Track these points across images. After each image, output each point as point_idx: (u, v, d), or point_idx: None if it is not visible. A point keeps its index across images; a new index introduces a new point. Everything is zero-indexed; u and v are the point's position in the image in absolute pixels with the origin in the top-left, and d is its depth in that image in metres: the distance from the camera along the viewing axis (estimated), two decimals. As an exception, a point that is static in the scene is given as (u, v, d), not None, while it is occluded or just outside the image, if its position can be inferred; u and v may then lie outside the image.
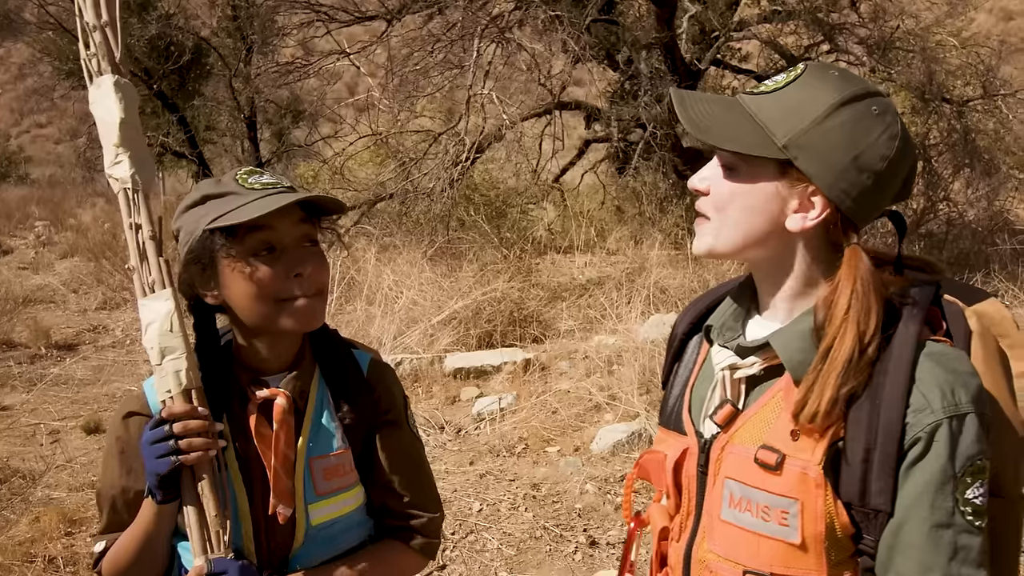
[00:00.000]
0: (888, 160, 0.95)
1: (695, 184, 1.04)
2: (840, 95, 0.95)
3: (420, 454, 1.39)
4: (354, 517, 1.30)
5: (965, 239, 8.52)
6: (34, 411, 5.16)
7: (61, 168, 27.60)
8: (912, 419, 0.91)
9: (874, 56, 8.68)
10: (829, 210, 0.97)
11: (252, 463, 1.23)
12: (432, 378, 5.35)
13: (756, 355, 1.02)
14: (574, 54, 8.76)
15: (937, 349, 0.95)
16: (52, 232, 13.65)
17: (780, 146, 0.95)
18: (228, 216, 1.15)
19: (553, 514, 3.63)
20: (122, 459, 1.25)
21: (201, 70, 15.06)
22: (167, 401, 1.16)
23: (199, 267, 1.19)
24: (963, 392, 0.92)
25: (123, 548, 1.23)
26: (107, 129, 1.23)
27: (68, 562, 3.18)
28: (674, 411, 1.14)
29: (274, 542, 1.23)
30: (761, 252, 1.02)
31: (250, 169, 1.24)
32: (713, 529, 1.03)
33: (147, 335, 1.18)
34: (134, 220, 1.22)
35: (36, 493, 3.80)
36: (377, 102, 10.03)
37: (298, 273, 1.19)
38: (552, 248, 8.89)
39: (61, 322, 7.61)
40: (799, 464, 0.95)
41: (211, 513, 1.14)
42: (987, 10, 37.10)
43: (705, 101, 1.02)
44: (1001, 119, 8.72)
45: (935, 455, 0.91)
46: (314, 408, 1.28)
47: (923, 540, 0.91)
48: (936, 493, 0.90)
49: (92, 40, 1.26)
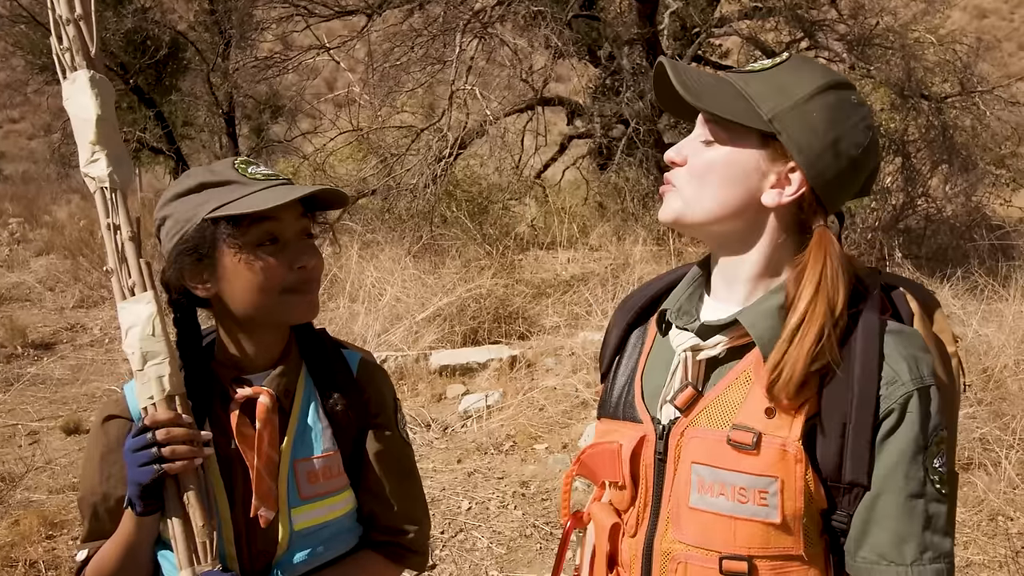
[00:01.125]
0: (863, 148, 0.99)
1: (671, 156, 1.05)
2: (825, 80, 0.99)
3: (410, 460, 1.34)
4: (343, 523, 1.24)
5: (944, 234, 8.62)
6: (11, 412, 5.06)
7: (35, 164, 27.14)
8: (885, 391, 0.94)
9: (854, 52, 8.75)
10: (805, 189, 0.99)
11: (234, 464, 1.18)
12: (418, 375, 5.31)
13: (720, 334, 1.02)
14: (556, 50, 8.75)
15: (896, 327, 0.99)
16: (26, 229, 13.41)
17: (766, 119, 0.98)
18: (234, 205, 1.12)
19: (543, 512, 3.61)
20: (102, 465, 1.20)
21: (178, 65, 14.85)
22: (149, 408, 1.12)
23: (193, 257, 1.15)
24: (924, 366, 0.96)
25: (105, 558, 1.19)
26: (83, 126, 1.18)
27: (50, 566, 3.11)
28: (623, 400, 1.12)
29: (255, 547, 1.18)
30: (730, 225, 1.02)
31: (245, 159, 1.20)
32: (680, 518, 1.00)
33: (128, 340, 1.13)
34: (112, 220, 1.17)
35: (15, 496, 3.72)
36: (358, 97, 9.95)
37: (302, 266, 1.17)
38: (535, 244, 8.87)
39: (38, 321, 7.47)
40: (778, 441, 0.95)
41: (198, 523, 1.10)
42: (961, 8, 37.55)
43: (696, 72, 1.03)
44: (978, 115, 8.83)
45: (908, 425, 0.94)
46: (300, 408, 1.23)
47: (898, 511, 0.93)
48: (910, 463, 0.93)
49: (65, 34, 1.20)
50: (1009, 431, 3.82)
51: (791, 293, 0.99)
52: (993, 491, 3.47)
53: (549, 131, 10.28)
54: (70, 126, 1.24)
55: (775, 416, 0.96)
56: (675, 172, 1.05)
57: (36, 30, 13.34)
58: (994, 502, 3.42)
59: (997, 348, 4.71)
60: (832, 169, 0.98)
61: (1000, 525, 3.34)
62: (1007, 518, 3.38)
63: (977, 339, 4.89)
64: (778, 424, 0.96)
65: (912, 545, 0.93)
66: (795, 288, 0.99)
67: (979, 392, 4.20)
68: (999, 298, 5.81)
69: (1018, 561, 3.04)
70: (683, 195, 1.03)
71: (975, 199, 9.03)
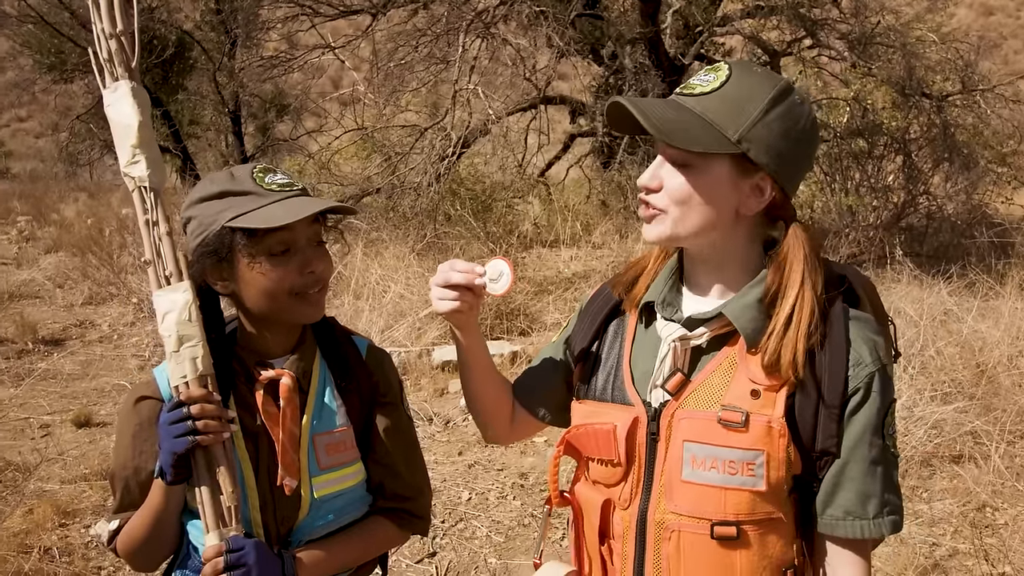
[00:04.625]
0: (811, 141, 1.13)
1: (646, 182, 1.13)
2: (772, 90, 1.09)
3: (414, 435, 1.47)
4: (355, 492, 1.36)
5: (944, 232, 8.67)
6: (23, 405, 5.17)
7: (42, 162, 27.36)
8: (852, 372, 1.08)
9: (855, 51, 8.80)
10: (776, 191, 1.11)
11: (259, 439, 1.30)
12: (420, 371, 5.40)
13: (705, 326, 1.13)
14: (559, 49, 8.81)
15: (856, 314, 1.12)
16: (35, 227, 13.55)
17: (734, 141, 1.07)
18: (250, 217, 1.22)
19: (541, 502, 3.70)
20: (134, 441, 1.31)
21: (184, 64, 15.00)
22: (182, 387, 1.22)
23: (214, 259, 1.26)
24: (880, 348, 1.10)
25: (135, 527, 1.30)
26: (124, 131, 1.30)
27: (63, 552, 3.21)
28: (612, 384, 1.21)
29: (280, 513, 1.30)
30: (712, 235, 1.13)
31: (264, 167, 1.30)
32: (673, 490, 1.11)
33: (164, 324, 1.24)
34: (150, 217, 1.29)
35: (29, 486, 3.82)
36: (362, 96, 10.04)
37: (311, 271, 1.28)
38: (538, 242, 8.94)
39: (47, 317, 7.58)
40: (764, 418, 1.07)
41: (227, 489, 1.21)
42: (967, 5, 37.42)
43: (657, 106, 1.10)
44: (980, 114, 8.87)
45: (872, 401, 1.08)
46: (317, 387, 1.35)
47: (863, 474, 1.08)
48: (873, 434, 1.08)
49: (107, 46, 1.32)
50: (999, 425, 3.89)
51: (773, 284, 1.10)
52: (981, 484, 3.54)
53: (552, 130, 10.36)
54: (77, 125, 1.35)
55: (760, 397, 1.08)
56: (654, 197, 1.13)
57: (44, 30, 13.46)
58: (982, 494, 3.49)
59: (992, 344, 4.78)
60: (794, 167, 1.12)
61: (988, 516, 3.41)
62: (994, 509, 3.45)
63: (972, 335, 4.96)
64: (763, 404, 1.08)
65: (875, 502, 1.08)
66: (778, 279, 1.10)
67: (971, 387, 4.26)
68: (996, 295, 5.87)
69: (1003, 551, 3.11)
70: (669, 219, 1.12)
71: (976, 197, 9.07)
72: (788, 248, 1.11)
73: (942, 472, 3.74)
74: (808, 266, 1.09)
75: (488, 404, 1.35)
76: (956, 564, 3.09)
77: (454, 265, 1.21)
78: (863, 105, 8.56)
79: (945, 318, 5.30)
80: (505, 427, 1.38)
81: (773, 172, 1.08)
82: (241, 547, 1.20)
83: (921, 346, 4.66)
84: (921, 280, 6.46)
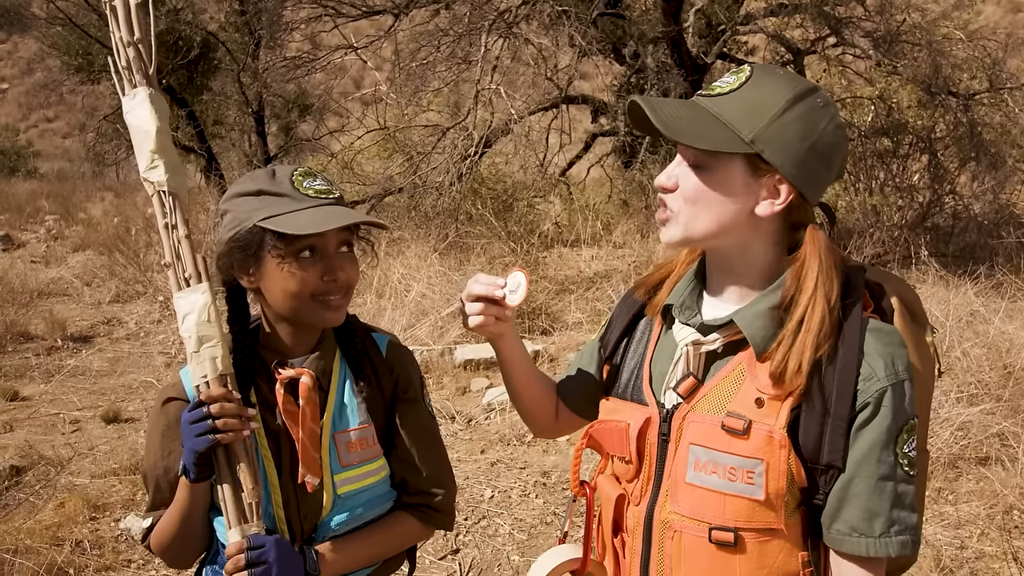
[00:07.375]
0: (835, 146, 1.09)
1: (663, 182, 1.14)
2: (792, 92, 1.07)
3: (436, 431, 1.49)
4: (378, 488, 1.38)
5: (971, 232, 8.57)
6: (53, 401, 5.27)
7: (70, 162, 27.75)
8: (862, 386, 1.05)
9: (880, 49, 8.71)
10: (793, 194, 1.09)
11: (281, 438, 1.32)
12: (443, 369, 5.44)
13: (718, 332, 1.13)
14: (580, 48, 8.81)
15: (877, 325, 1.09)
16: (63, 226, 13.76)
17: (747, 141, 1.06)
18: (283, 221, 1.24)
19: (563, 500, 3.72)
20: (163, 442, 1.34)
21: (209, 65, 15.12)
22: (202, 386, 1.25)
23: (244, 254, 1.28)
24: (900, 362, 1.06)
25: (166, 524, 1.33)
26: (143, 137, 1.32)
27: (94, 545, 3.28)
28: (632, 384, 1.23)
29: (304, 510, 1.32)
30: (728, 238, 1.12)
31: (305, 171, 1.32)
32: (677, 492, 1.12)
33: (184, 325, 1.27)
34: (169, 221, 1.31)
35: (60, 480, 3.90)
36: (384, 96, 10.10)
37: (334, 278, 1.30)
38: (559, 241, 8.95)
39: (76, 315, 7.71)
40: (765, 428, 1.06)
41: (248, 486, 1.23)
42: (995, 2, 36.88)
43: (671, 105, 1.11)
44: (1007, 112, 8.74)
45: (881, 417, 1.04)
46: (337, 386, 1.37)
47: (869, 491, 1.04)
48: (882, 450, 1.04)
49: (125, 54, 1.34)
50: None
51: (790, 290, 1.09)
52: (1008, 486, 3.51)
53: (574, 129, 10.35)
54: (103, 125, 1.38)
55: (764, 406, 1.07)
56: (669, 198, 1.13)
57: (72, 32, 13.64)
58: (1009, 496, 3.46)
59: (1019, 345, 4.72)
60: (813, 171, 1.08)
61: (1014, 519, 3.38)
62: (1021, 512, 3.42)
63: (1000, 336, 4.90)
64: (766, 413, 1.06)
65: (881, 520, 1.04)
66: (794, 285, 1.09)
67: (998, 389, 4.22)
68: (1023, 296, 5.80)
69: (1031, 553, 3.08)
70: (680, 220, 1.12)
71: (1003, 196, 8.96)
72: (805, 254, 1.09)
73: (968, 474, 3.71)
74: (822, 273, 1.06)
75: (532, 403, 1.39)
76: (983, 567, 3.07)
77: (478, 279, 1.26)
78: (888, 104, 8.48)
79: (971, 319, 5.25)
80: (550, 423, 1.43)
81: (789, 174, 1.06)
82: (262, 544, 1.22)
83: (947, 347, 4.62)
84: (947, 281, 6.39)
